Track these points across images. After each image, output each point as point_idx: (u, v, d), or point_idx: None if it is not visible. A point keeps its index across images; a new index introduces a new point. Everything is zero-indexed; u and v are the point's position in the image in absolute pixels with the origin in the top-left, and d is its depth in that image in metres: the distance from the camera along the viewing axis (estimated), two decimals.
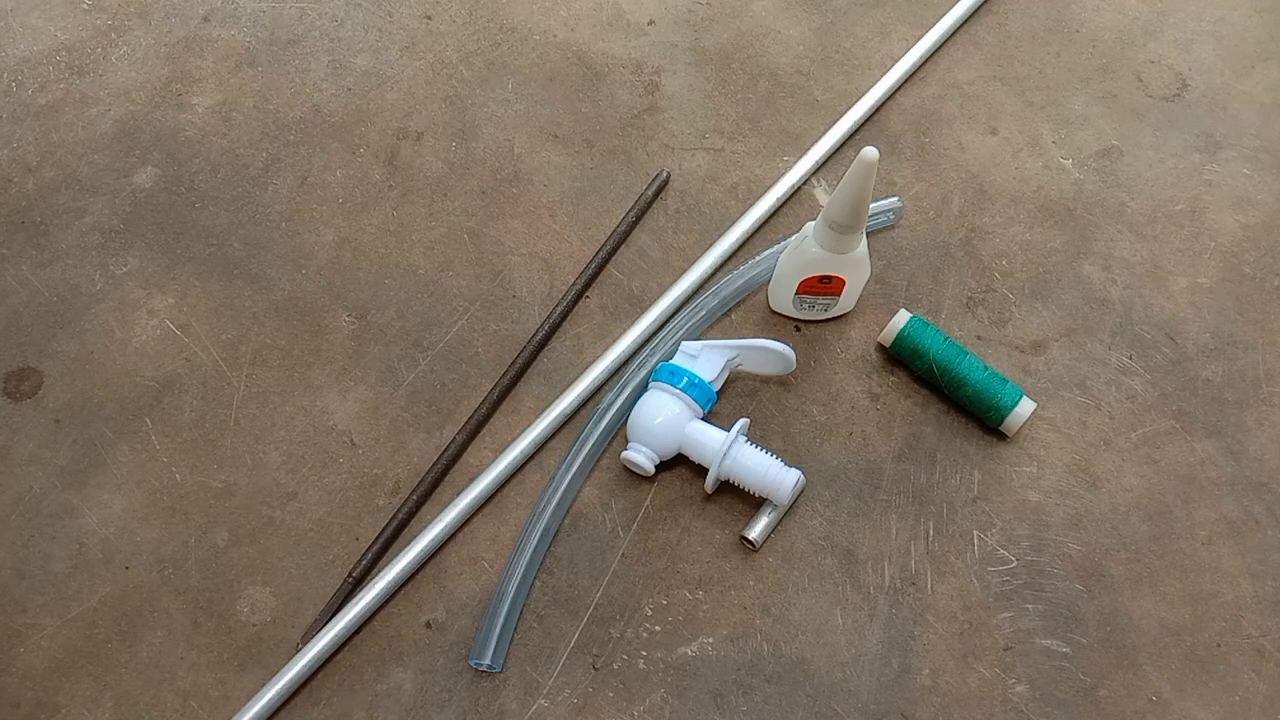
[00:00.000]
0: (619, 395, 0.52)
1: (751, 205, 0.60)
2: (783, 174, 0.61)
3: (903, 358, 0.54)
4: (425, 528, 0.49)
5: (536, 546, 0.48)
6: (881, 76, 0.65)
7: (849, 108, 0.64)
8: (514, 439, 0.51)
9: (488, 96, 0.65)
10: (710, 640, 0.47)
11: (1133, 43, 0.69)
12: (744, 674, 0.46)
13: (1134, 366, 0.56)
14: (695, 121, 0.64)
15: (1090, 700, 0.46)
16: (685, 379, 0.49)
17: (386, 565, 0.48)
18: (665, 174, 0.61)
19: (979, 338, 0.56)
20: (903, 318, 0.53)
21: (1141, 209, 0.61)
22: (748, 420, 0.50)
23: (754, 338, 0.51)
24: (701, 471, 0.50)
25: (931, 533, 0.50)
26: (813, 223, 0.51)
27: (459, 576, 0.49)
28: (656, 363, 0.52)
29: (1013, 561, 0.50)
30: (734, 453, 0.48)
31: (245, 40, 0.67)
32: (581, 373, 0.54)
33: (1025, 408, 0.51)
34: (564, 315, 0.56)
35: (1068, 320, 0.57)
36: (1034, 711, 0.46)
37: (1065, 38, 0.69)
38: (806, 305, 0.54)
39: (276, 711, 0.45)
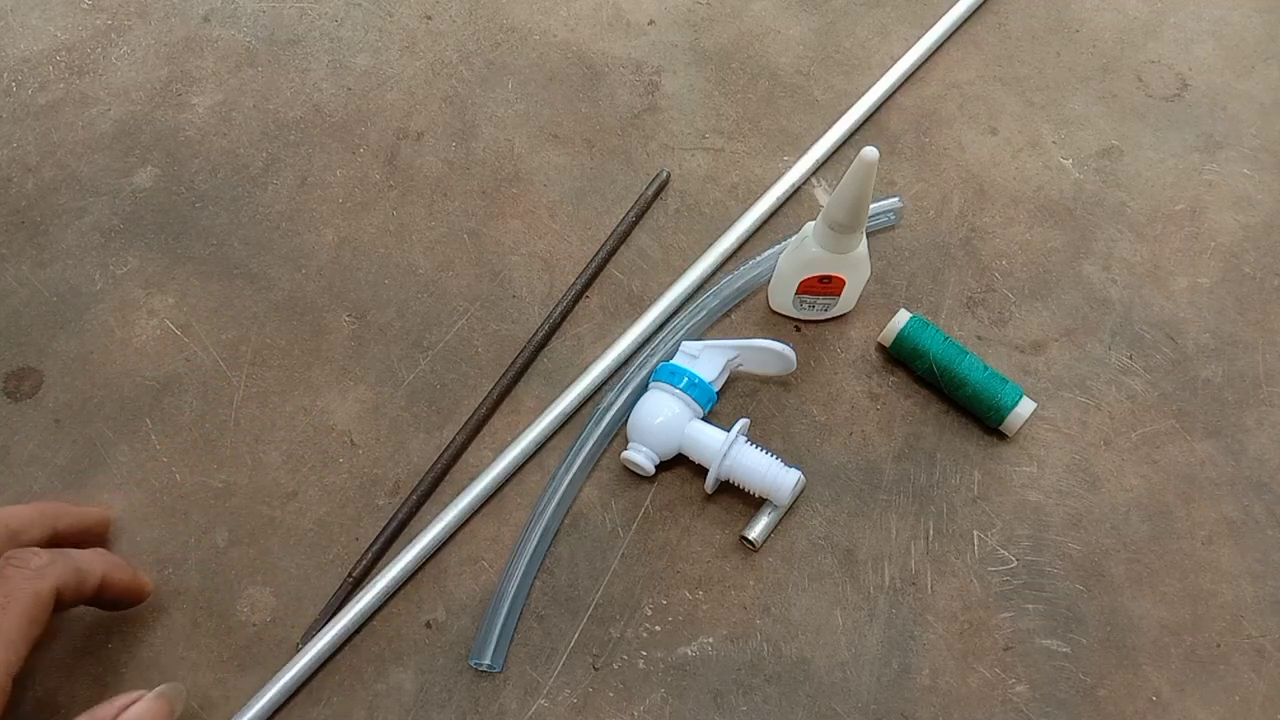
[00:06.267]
0: (619, 395, 0.52)
1: (751, 205, 0.60)
2: (783, 174, 0.61)
3: (903, 358, 0.54)
4: (425, 528, 0.49)
5: (536, 546, 0.48)
6: (881, 76, 0.65)
7: (849, 108, 0.64)
8: (514, 439, 0.51)
9: (488, 96, 0.65)
10: (710, 640, 0.47)
11: (1133, 43, 0.69)
12: (744, 674, 0.46)
13: (1134, 366, 0.56)
14: (695, 121, 0.64)
15: (1090, 700, 0.46)
16: (685, 379, 0.49)
17: (386, 565, 0.48)
18: (665, 174, 0.61)
19: (979, 338, 0.56)
20: (903, 318, 0.53)
21: (1141, 209, 0.61)
22: (748, 420, 0.50)
23: (754, 338, 0.52)
24: (701, 471, 0.50)
25: (931, 533, 0.50)
26: (813, 223, 0.51)
27: (459, 576, 0.49)
28: (657, 363, 0.52)
29: (1013, 561, 0.50)
30: (734, 453, 0.48)
31: (245, 40, 0.67)
32: (581, 373, 0.54)
33: (1025, 408, 0.51)
34: (564, 315, 0.56)
35: (1068, 320, 0.57)
36: (1034, 711, 0.46)
37: (1065, 38, 0.69)
38: (806, 305, 0.54)
39: (276, 711, 0.45)
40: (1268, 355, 0.56)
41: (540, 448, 0.52)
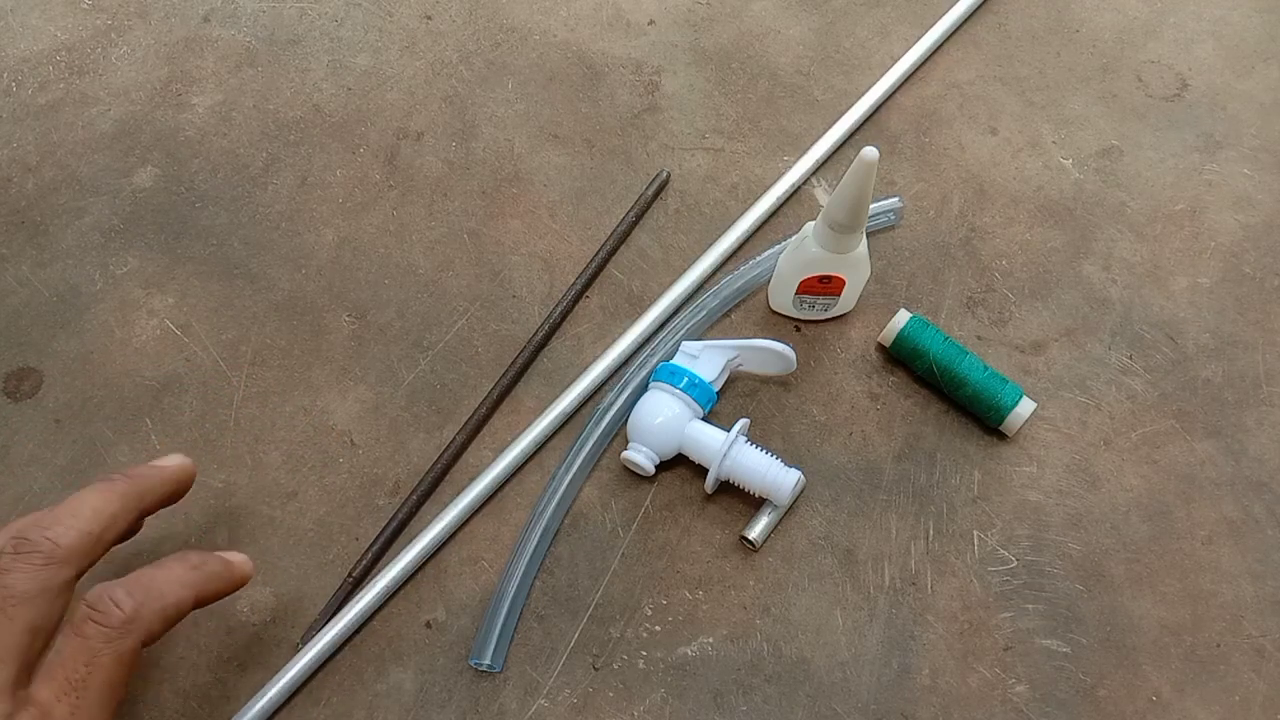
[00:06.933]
0: (619, 395, 0.52)
1: (751, 205, 0.60)
2: (783, 174, 0.61)
3: (903, 358, 0.54)
4: (425, 528, 0.49)
5: (536, 546, 0.48)
6: (881, 76, 0.65)
7: (849, 108, 0.64)
8: (514, 439, 0.51)
9: (488, 96, 0.65)
10: (710, 640, 0.47)
11: (1133, 43, 0.69)
12: (744, 674, 0.46)
13: (1134, 366, 0.56)
14: (695, 121, 0.64)
15: (1090, 700, 0.46)
16: (685, 379, 0.49)
17: (386, 565, 0.48)
18: (665, 174, 0.61)
19: (979, 338, 0.56)
20: (903, 318, 0.53)
21: (1141, 209, 0.61)
22: (748, 420, 0.50)
23: (754, 338, 0.52)
24: (701, 471, 0.50)
25: (931, 533, 0.50)
26: (813, 223, 0.51)
27: (459, 576, 0.49)
28: (657, 363, 0.52)
29: (1013, 561, 0.50)
30: (734, 453, 0.48)
31: (245, 40, 0.67)
32: (581, 373, 0.54)
33: (1025, 408, 0.51)
34: (564, 315, 0.56)
35: (1068, 320, 0.57)
36: (1034, 711, 0.46)
37: (1065, 38, 0.69)
38: (806, 305, 0.54)
39: (276, 711, 0.45)
40: (1268, 355, 0.56)
41: (540, 448, 0.52)
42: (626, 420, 0.50)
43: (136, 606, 0.34)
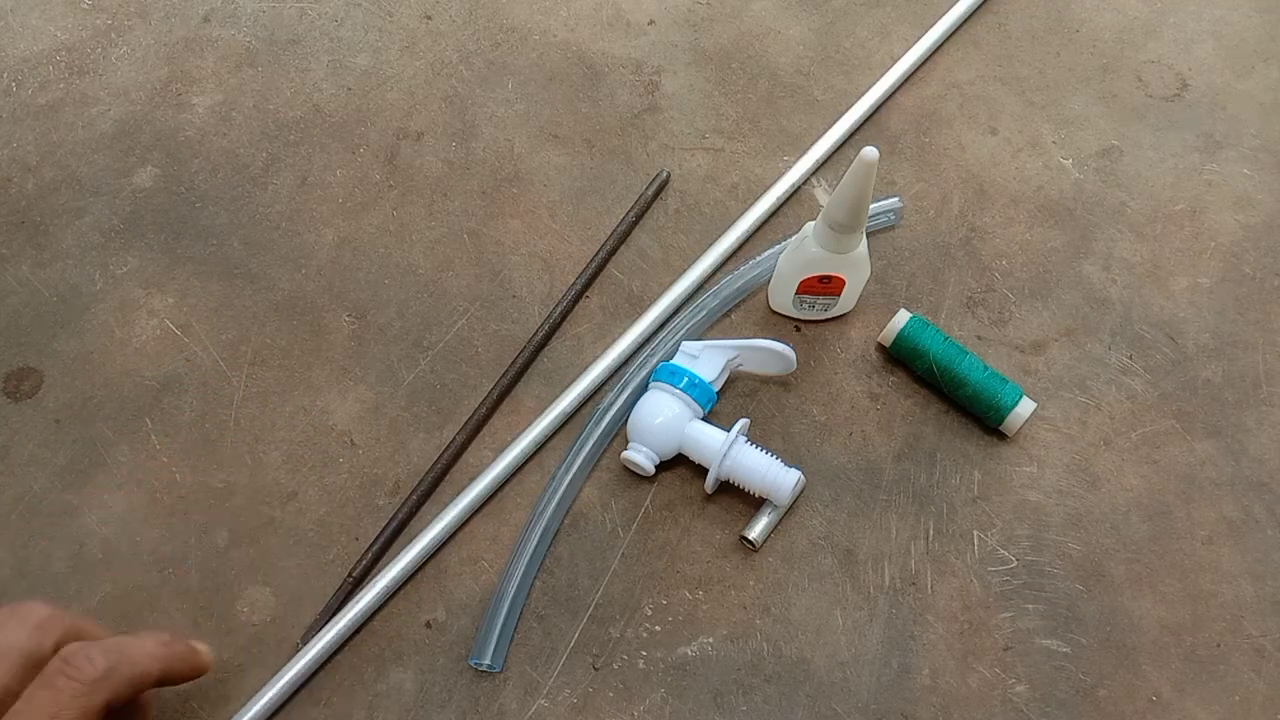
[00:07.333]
0: (619, 395, 0.52)
1: (751, 205, 0.60)
2: (783, 174, 0.61)
3: (903, 358, 0.54)
4: (425, 528, 0.49)
5: (536, 546, 0.48)
6: (881, 76, 0.65)
7: (849, 108, 0.64)
8: (514, 439, 0.51)
9: (488, 96, 0.65)
10: (710, 640, 0.47)
11: (1133, 43, 0.69)
12: (744, 674, 0.46)
13: (1134, 366, 0.56)
14: (695, 121, 0.64)
15: (1090, 700, 0.46)
16: (685, 379, 0.49)
17: (386, 565, 0.48)
18: (665, 174, 0.61)
19: (979, 338, 0.56)
20: (903, 318, 0.53)
21: (1141, 209, 0.61)
22: (748, 420, 0.50)
23: (754, 338, 0.52)
24: (701, 471, 0.50)
25: (931, 533, 0.50)
26: (813, 223, 0.51)
27: (459, 576, 0.49)
28: (657, 363, 0.52)
29: (1013, 561, 0.50)
30: (734, 453, 0.48)
31: (245, 40, 0.67)
32: (581, 373, 0.54)
33: (1025, 408, 0.51)
34: (564, 315, 0.56)
35: (1068, 320, 0.57)
36: (1034, 711, 0.46)
37: (1065, 38, 0.69)
38: (806, 305, 0.54)
39: (276, 711, 0.45)
40: (1268, 355, 0.56)
41: (540, 448, 0.52)
42: (626, 420, 0.50)
43: (109, 668, 0.35)
